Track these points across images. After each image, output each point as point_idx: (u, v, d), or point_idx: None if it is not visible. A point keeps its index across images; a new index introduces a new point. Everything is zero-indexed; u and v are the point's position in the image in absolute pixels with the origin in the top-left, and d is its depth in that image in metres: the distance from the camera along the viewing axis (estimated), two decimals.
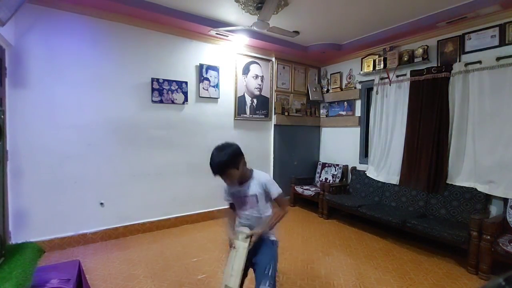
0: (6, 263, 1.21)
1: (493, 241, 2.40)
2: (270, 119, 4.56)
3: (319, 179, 4.80)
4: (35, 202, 2.76)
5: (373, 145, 4.12)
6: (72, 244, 2.95)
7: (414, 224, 2.95)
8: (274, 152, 4.61)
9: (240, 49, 4.15)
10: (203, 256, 2.79)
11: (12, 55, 2.62)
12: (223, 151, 1.48)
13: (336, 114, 4.88)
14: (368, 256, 2.88)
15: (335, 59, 4.80)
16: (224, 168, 1.47)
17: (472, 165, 3.05)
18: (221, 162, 1.46)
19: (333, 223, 3.95)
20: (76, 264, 1.69)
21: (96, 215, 3.10)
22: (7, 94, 2.59)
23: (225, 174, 1.49)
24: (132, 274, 2.43)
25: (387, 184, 3.82)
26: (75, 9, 2.88)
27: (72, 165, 2.95)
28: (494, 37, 2.90)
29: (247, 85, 4.28)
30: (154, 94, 3.41)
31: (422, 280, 2.40)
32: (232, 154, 1.49)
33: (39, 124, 2.77)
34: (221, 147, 1.52)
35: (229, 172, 1.49)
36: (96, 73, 3.06)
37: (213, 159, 1.49)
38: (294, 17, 3.36)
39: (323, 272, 2.52)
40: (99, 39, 3.06)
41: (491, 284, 0.40)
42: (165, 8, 3.11)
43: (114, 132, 3.19)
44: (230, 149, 1.51)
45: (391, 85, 3.84)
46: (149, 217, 3.46)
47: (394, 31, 3.58)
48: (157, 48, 3.43)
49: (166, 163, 3.57)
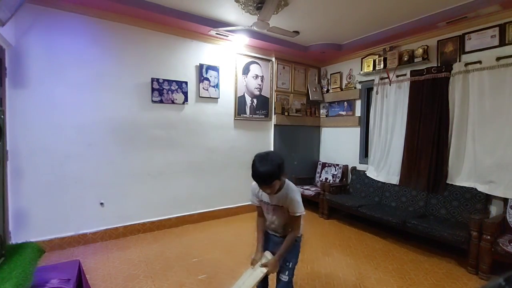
0: (6, 263, 1.21)
1: (493, 241, 2.40)
2: (270, 119, 4.56)
3: (319, 179, 4.80)
4: (35, 202, 2.76)
5: (373, 145, 4.12)
6: (72, 244, 2.95)
7: (414, 224, 2.95)
8: None
9: (240, 49, 4.15)
10: (203, 256, 2.79)
11: (12, 55, 2.62)
12: (268, 161, 1.43)
13: (336, 114, 4.88)
14: (368, 256, 2.88)
15: (335, 59, 4.80)
16: (269, 179, 1.43)
17: (472, 165, 3.05)
18: (268, 172, 1.42)
19: (333, 223, 3.95)
20: (76, 264, 1.70)
21: (96, 215, 3.10)
22: (7, 94, 2.59)
23: (269, 185, 1.45)
24: (132, 274, 2.43)
25: (387, 184, 3.82)
26: (75, 9, 2.88)
27: (72, 165, 2.95)
28: (494, 37, 2.90)
29: (247, 85, 4.28)
30: (154, 94, 3.41)
31: (422, 280, 2.40)
32: (278, 165, 1.44)
33: (39, 124, 2.77)
34: (265, 156, 1.46)
35: (274, 184, 1.45)
36: (96, 73, 3.06)
37: (258, 169, 1.42)
38: (294, 17, 3.36)
39: (323, 272, 2.52)
40: (99, 39, 3.06)
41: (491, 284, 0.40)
42: (165, 8, 3.11)
43: (114, 132, 3.19)
44: (276, 160, 1.45)
45: (391, 85, 3.84)
46: (150, 217, 3.46)
47: (394, 31, 3.58)
48: (157, 48, 3.43)
49: (166, 163, 3.57)
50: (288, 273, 1.62)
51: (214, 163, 3.98)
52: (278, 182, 1.48)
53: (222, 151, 4.06)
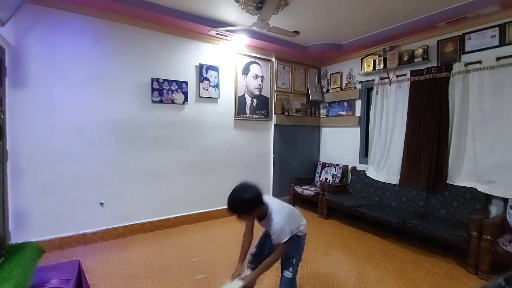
0: (6, 263, 1.21)
1: (493, 241, 2.40)
2: (270, 119, 4.56)
3: (319, 179, 4.80)
4: (35, 202, 2.76)
5: (373, 145, 4.12)
6: (72, 244, 2.95)
7: (414, 224, 2.95)
8: (274, 152, 4.61)
9: (240, 49, 4.15)
10: (202, 257, 2.79)
11: (12, 55, 2.62)
12: (242, 194, 1.49)
13: (336, 114, 4.88)
14: (368, 256, 2.88)
15: (335, 59, 4.80)
16: (235, 210, 1.50)
17: (472, 165, 3.05)
18: (235, 205, 1.49)
19: (332, 223, 3.95)
20: (76, 264, 1.70)
21: (96, 215, 3.10)
22: (7, 94, 2.59)
23: (236, 215, 1.53)
24: (132, 274, 2.43)
25: (387, 184, 3.82)
26: (75, 9, 2.88)
27: (72, 165, 2.95)
28: (494, 37, 2.90)
29: (247, 85, 4.28)
30: (154, 94, 3.41)
31: (422, 280, 2.40)
32: (248, 202, 1.49)
33: (39, 124, 2.77)
34: (243, 188, 1.51)
35: (240, 216, 1.54)
36: (96, 73, 3.05)
37: (231, 196, 1.50)
38: (294, 17, 3.36)
39: (323, 272, 2.52)
40: (99, 39, 3.06)
41: (491, 284, 0.40)
42: (165, 8, 3.11)
43: (114, 132, 3.19)
44: (250, 196, 1.49)
45: (391, 85, 3.84)
46: (149, 217, 3.46)
47: (394, 31, 3.58)
48: (157, 48, 3.43)
49: (166, 163, 3.57)
50: (292, 270, 1.69)
51: (213, 163, 3.99)
52: (248, 216, 1.55)
53: (222, 151, 4.06)
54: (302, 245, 1.80)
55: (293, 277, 1.69)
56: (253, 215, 1.56)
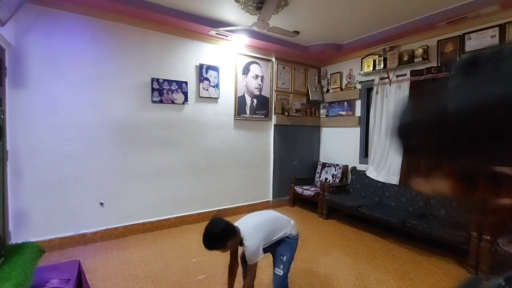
0: (6, 263, 1.21)
1: (493, 241, 2.40)
2: (270, 119, 4.56)
3: (319, 179, 4.80)
4: (35, 202, 2.76)
5: (373, 145, 4.12)
6: (72, 244, 2.95)
7: (414, 224, 2.95)
8: (274, 152, 4.61)
9: (240, 49, 4.15)
10: (203, 257, 2.79)
11: (12, 55, 2.62)
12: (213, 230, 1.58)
13: (336, 114, 4.88)
14: (368, 256, 2.88)
15: (335, 59, 4.80)
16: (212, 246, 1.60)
17: None
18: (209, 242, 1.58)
19: (332, 223, 3.95)
20: (76, 264, 1.70)
21: (96, 215, 3.10)
22: (7, 94, 2.59)
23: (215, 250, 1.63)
24: (132, 274, 2.43)
25: (387, 184, 3.82)
26: (75, 9, 2.88)
27: (72, 165, 2.95)
28: (494, 37, 2.90)
29: (247, 85, 4.28)
30: (154, 94, 3.41)
31: (422, 280, 2.40)
32: (219, 236, 1.58)
33: (39, 124, 2.77)
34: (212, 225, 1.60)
35: (219, 249, 1.62)
36: (96, 73, 3.05)
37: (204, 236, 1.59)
38: (294, 17, 3.36)
39: (323, 272, 2.52)
40: (99, 39, 3.06)
41: (491, 284, 0.40)
42: (165, 8, 3.11)
43: (114, 132, 3.19)
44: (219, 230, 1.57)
45: (391, 85, 3.84)
46: (149, 217, 3.46)
47: (394, 31, 3.58)
48: (157, 48, 3.43)
49: (166, 163, 3.57)
50: (283, 267, 1.72)
51: (213, 163, 3.98)
52: (222, 249, 1.62)
53: (222, 151, 4.06)
54: (293, 244, 1.84)
55: (284, 274, 1.72)
56: (228, 245, 1.61)
